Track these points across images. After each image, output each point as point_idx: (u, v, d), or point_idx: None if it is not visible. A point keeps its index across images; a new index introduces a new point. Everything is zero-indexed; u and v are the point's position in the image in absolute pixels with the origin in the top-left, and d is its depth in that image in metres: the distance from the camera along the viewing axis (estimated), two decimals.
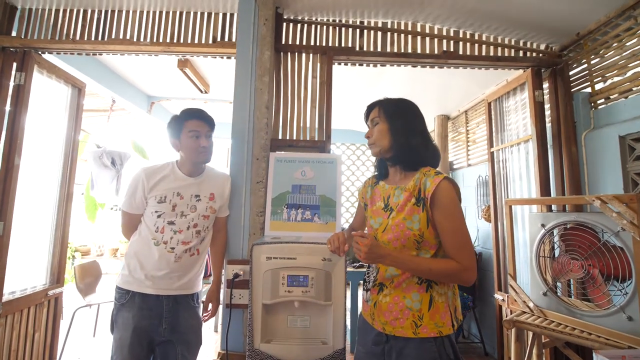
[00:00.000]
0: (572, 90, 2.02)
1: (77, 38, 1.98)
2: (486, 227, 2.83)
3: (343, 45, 1.98)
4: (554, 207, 1.93)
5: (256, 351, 1.23)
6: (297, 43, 1.96)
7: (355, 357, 1.09)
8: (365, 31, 2.00)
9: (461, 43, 2.03)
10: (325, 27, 1.98)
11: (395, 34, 2.01)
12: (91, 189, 3.46)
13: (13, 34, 1.99)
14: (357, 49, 1.98)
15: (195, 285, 1.44)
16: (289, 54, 1.92)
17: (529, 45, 2.09)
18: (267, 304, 1.23)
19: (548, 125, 2.04)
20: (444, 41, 2.02)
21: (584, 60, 1.97)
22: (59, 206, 2.15)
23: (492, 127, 2.39)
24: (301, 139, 1.85)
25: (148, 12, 2.00)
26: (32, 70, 1.95)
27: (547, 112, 2.05)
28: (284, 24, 1.95)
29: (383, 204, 1.06)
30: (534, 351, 1.63)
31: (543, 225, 1.61)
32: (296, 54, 1.92)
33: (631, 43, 1.72)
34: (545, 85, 2.07)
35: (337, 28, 1.98)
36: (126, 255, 1.39)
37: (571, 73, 2.04)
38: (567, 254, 1.53)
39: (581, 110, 1.95)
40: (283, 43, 1.94)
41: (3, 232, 1.80)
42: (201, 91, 3.36)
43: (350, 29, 1.99)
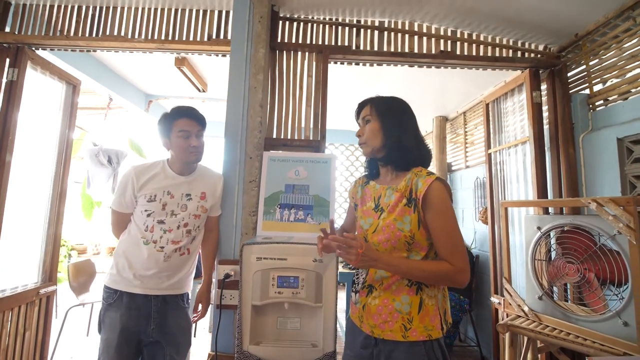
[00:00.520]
0: (571, 91, 2.00)
1: (71, 34, 1.96)
2: (484, 229, 2.80)
3: (339, 44, 1.96)
4: (550, 210, 1.90)
5: (245, 353, 1.21)
6: (293, 41, 1.94)
7: None
8: (362, 30, 1.98)
9: (458, 43, 2.01)
10: (321, 25, 1.96)
11: (391, 33, 1.98)
12: (87, 187, 3.45)
13: (7, 29, 1.97)
14: (353, 48, 1.95)
15: (185, 285, 1.42)
16: (284, 52, 1.90)
17: (527, 45, 2.07)
18: (257, 305, 1.21)
19: (546, 127, 2.02)
20: (441, 41, 2.00)
21: (583, 62, 1.95)
22: (52, 204, 2.13)
23: (489, 128, 2.36)
24: (296, 138, 1.83)
25: (143, 9, 1.99)
26: (25, 66, 1.93)
27: (545, 114, 2.03)
28: (279, 22, 1.93)
29: (373, 204, 1.04)
30: (528, 356, 1.60)
31: (539, 228, 1.59)
32: (291, 52, 1.90)
33: (630, 44, 1.70)
34: (544, 86, 2.05)
35: (333, 27, 1.96)
36: (115, 254, 1.38)
37: (569, 74, 2.02)
38: (563, 257, 1.50)
39: (579, 111, 1.93)
40: (278, 41, 1.92)
41: None
42: (199, 90, 3.35)
43: (347, 28, 1.97)
